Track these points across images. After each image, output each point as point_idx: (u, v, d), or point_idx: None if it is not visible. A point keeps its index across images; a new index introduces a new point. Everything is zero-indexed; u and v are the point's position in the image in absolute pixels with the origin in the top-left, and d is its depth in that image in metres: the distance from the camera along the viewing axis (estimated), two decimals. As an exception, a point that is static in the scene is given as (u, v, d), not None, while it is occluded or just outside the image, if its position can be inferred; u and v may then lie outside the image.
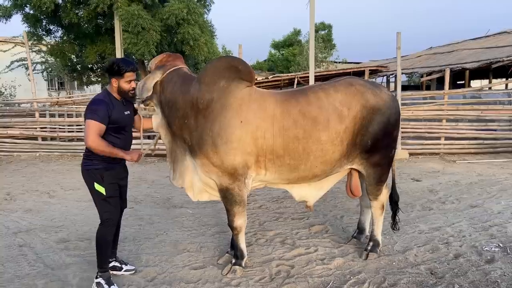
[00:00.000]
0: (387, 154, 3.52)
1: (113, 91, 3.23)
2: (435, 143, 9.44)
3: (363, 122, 3.29)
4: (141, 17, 10.20)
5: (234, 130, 3.11)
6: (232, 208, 3.34)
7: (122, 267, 3.54)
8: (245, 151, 3.16)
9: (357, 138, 3.31)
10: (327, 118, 3.21)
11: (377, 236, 3.78)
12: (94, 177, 3.17)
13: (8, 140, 10.35)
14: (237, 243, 3.50)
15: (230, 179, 3.23)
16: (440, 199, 5.65)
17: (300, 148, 3.19)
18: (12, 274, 3.56)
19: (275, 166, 3.26)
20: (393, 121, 3.43)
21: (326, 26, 29.47)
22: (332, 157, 3.29)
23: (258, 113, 3.17)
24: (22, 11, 11.77)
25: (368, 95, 3.33)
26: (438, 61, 16.24)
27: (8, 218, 5.12)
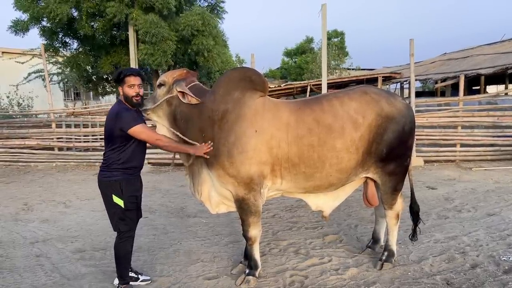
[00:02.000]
0: (402, 163, 3.50)
1: (122, 99, 3.28)
2: (450, 150, 9.32)
3: (378, 130, 3.28)
4: (160, 26, 10.34)
5: (249, 139, 3.15)
6: (248, 218, 3.34)
7: (138, 277, 3.56)
8: (261, 161, 3.18)
9: (372, 147, 3.31)
10: (341, 125, 3.22)
11: (392, 246, 3.74)
12: (113, 188, 3.19)
13: (26, 151, 10.55)
14: (252, 254, 3.50)
15: (246, 189, 3.23)
16: (456, 208, 5.57)
17: (315, 156, 3.20)
18: (29, 284, 3.61)
19: (291, 174, 3.27)
20: (408, 129, 3.41)
21: (339, 34, 29.48)
22: (348, 165, 3.28)
23: (273, 122, 3.21)
24: (39, 25, 12.04)
25: (382, 104, 3.33)
26: (452, 67, 16.09)
27: (26, 228, 5.20)
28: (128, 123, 3.11)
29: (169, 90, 3.39)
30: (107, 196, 3.22)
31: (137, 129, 3.12)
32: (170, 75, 3.47)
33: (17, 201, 6.66)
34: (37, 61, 15.23)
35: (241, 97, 3.22)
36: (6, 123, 11.50)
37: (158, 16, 10.66)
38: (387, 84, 20.33)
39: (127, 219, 3.27)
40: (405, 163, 3.55)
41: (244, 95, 3.22)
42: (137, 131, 3.12)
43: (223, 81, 3.34)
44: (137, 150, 3.27)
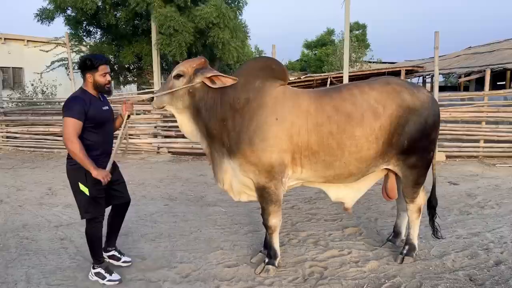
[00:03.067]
0: (424, 156, 3.44)
1: (89, 87, 3.24)
2: (473, 145, 9.13)
3: (399, 121, 3.24)
4: (174, 19, 10.36)
5: (270, 127, 3.16)
6: (268, 207, 3.36)
7: (120, 258, 3.66)
8: (281, 148, 3.18)
9: (393, 138, 3.27)
10: (361, 114, 3.20)
11: (413, 240, 3.70)
12: (79, 176, 3.16)
13: (50, 137, 10.76)
14: (272, 243, 3.52)
15: (267, 177, 3.25)
16: (479, 204, 5.47)
17: (334, 143, 3.19)
18: (54, 266, 3.71)
19: (311, 163, 3.27)
20: (431, 122, 3.35)
21: (361, 26, 29.14)
22: (367, 154, 3.25)
23: (293, 110, 3.21)
24: (64, 14, 12.22)
25: (404, 95, 3.28)
26: (477, 61, 15.72)
27: (50, 212, 5.33)
28: (66, 111, 3.08)
29: (189, 81, 3.33)
30: (74, 184, 3.21)
31: (64, 120, 3.07)
32: (189, 64, 3.38)
33: (42, 186, 6.82)
34: (60, 50, 15.42)
35: (262, 86, 3.24)
36: (31, 110, 11.75)
37: (176, 7, 10.68)
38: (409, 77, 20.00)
39: (92, 206, 3.23)
40: (428, 157, 3.48)
41: (265, 84, 3.24)
42: (64, 122, 3.08)
43: (244, 70, 3.37)
44: (97, 139, 3.23)
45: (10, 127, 11.42)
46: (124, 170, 3.42)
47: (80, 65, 3.24)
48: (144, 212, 5.32)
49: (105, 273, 3.34)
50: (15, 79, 21.17)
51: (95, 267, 3.38)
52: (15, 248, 4.13)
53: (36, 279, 3.45)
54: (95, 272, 3.37)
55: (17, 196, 6.18)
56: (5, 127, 11.46)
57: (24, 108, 12.10)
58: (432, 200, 3.82)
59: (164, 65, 14.85)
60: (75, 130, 3.06)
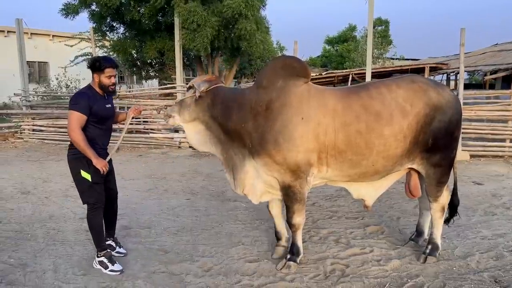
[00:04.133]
0: (448, 155, 3.43)
1: (95, 86, 3.47)
2: (499, 145, 8.93)
3: (425, 119, 3.24)
4: (197, 14, 10.37)
5: (296, 127, 3.16)
6: (293, 206, 3.37)
7: (115, 248, 3.81)
8: (308, 148, 3.18)
9: (420, 136, 3.27)
10: (390, 113, 3.20)
11: (436, 240, 3.67)
12: (81, 164, 3.36)
13: (74, 131, 10.97)
14: (295, 240, 3.54)
15: (292, 176, 3.26)
16: (505, 204, 5.36)
17: (362, 143, 3.18)
18: (79, 256, 3.81)
19: (337, 162, 3.27)
20: (454, 121, 3.36)
21: (383, 22, 28.65)
22: (395, 152, 3.25)
23: (319, 109, 3.20)
24: (88, 9, 12.41)
25: (431, 93, 3.28)
26: (504, 58, 15.32)
27: (75, 204, 5.45)
28: (72, 105, 3.32)
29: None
30: (76, 172, 3.40)
31: (69, 113, 3.30)
32: (200, 78, 3.64)
33: (67, 178, 6.96)
34: (84, 45, 15.72)
35: (285, 85, 3.24)
36: (55, 103, 12.00)
37: (199, 1, 10.67)
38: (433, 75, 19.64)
39: (95, 192, 3.44)
40: (451, 155, 3.47)
41: (287, 83, 3.24)
42: (69, 115, 3.31)
43: (265, 72, 3.42)
44: (98, 133, 3.47)
45: (36, 120, 11.71)
46: (146, 164, 3.50)
47: (89, 65, 3.46)
48: (166, 206, 5.39)
49: (107, 262, 3.49)
50: (41, 73, 21.70)
51: (99, 255, 3.53)
52: (42, 238, 4.25)
53: (63, 269, 3.55)
54: (98, 260, 3.52)
55: (43, 188, 6.35)
56: (31, 120, 11.76)
57: (49, 101, 12.38)
58: (454, 199, 3.79)
59: (186, 60, 14.94)
60: (79, 122, 3.30)
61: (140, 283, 3.30)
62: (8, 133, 11.91)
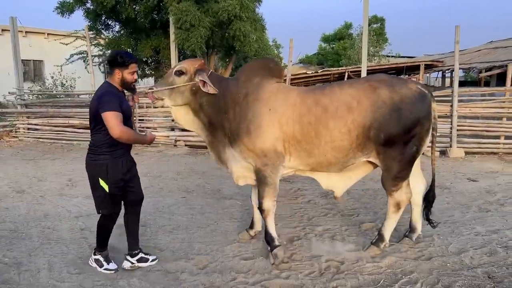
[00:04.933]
0: (406, 151, 3.47)
1: (115, 82, 3.27)
2: (493, 142, 8.97)
3: (374, 116, 3.38)
4: (190, 13, 10.34)
5: (264, 117, 3.51)
6: (263, 190, 3.63)
7: (148, 259, 3.60)
8: (274, 136, 3.51)
9: (370, 132, 3.41)
10: (335, 107, 3.46)
11: (384, 232, 3.79)
12: (100, 171, 3.24)
13: (69, 130, 10.96)
14: (267, 228, 3.73)
15: (262, 162, 3.56)
16: (499, 201, 5.39)
17: (313, 133, 3.47)
18: (74, 255, 3.81)
19: (296, 151, 3.57)
20: (413, 118, 3.39)
21: (379, 19, 28.68)
22: (341, 144, 3.46)
23: (283, 102, 3.56)
24: (83, 7, 12.37)
25: (380, 90, 3.41)
26: (499, 55, 15.38)
27: (70, 202, 5.45)
28: (106, 106, 3.09)
29: (190, 79, 3.63)
30: (94, 179, 3.28)
31: (108, 115, 3.08)
32: (192, 64, 3.68)
33: (62, 177, 6.97)
34: (80, 43, 15.65)
35: (260, 82, 3.63)
36: (51, 102, 11.95)
37: (193, 1, 10.65)
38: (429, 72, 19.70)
39: (110, 203, 3.31)
40: (410, 151, 3.48)
41: (262, 80, 3.63)
42: (107, 117, 3.08)
43: (246, 69, 3.81)
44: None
45: (31, 119, 11.67)
46: (141, 162, 3.51)
47: (110, 60, 3.28)
48: (162, 204, 5.39)
49: (103, 261, 3.47)
50: (36, 71, 21.56)
51: (96, 254, 3.50)
52: (37, 237, 4.24)
53: (58, 267, 3.54)
54: (95, 258, 3.50)
55: (38, 187, 6.33)
56: (26, 119, 11.71)
57: (45, 100, 12.32)
58: (430, 194, 3.88)
59: (181, 58, 14.92)
60: (118, 118, 3.11)
61: (135, 282, 3.31)
62: (3, 132, 11.85)
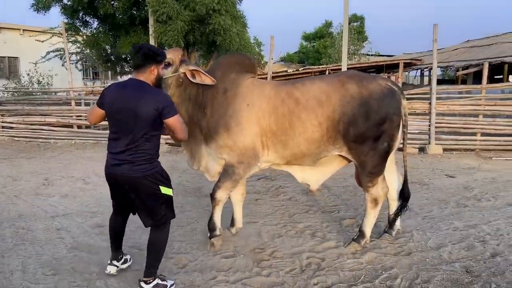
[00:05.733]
0: (377, 146, 3.50)
1: (149, 80, 2.91)
2: (470, 139, 9.15)
3: (343, 110, 3.45)
4: (167, 5, 10.18)
5: (243, 112, 3.55)
6: (224, 182, 3.66)
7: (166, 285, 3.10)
8: (253, 132, 3.55)
9: (340, 126, 3.47)
10: (306, 99, 3.54)
11: (364, 228, 3.82)
12: (161, 179, 2.97)
13: (46, 128, 10.71)
14: (212, 215, 3.81)
15: (238, 159, 3.59)
16: (476, 196, 5.49)
17: (287, 123, 3.53)
18: (50, 256, 3.70)
19: (273, 143, 3.62)
20: (383, 113, 3.44)
21: (359, 18, 28.96)
22: (313, 136, 3.52)
23: (259, 96, 3.61)
24: (60, 3, 12.08)
25: (349, 85, 3.48)
26: (476, 54, 15.71)
27: (46, 202, 5.31)
28: (172, 110, 2.85)
29: (176, 71, 3.55)
30: (154, 189, 2.93)
31: (177, 118, 2.89)
32: (176, 54, 3.58)
33: (38, 176, 6.79)
34: (56, 40, 15.32)
35: (237, 78, 3.68)
36: (26, 100, 11.66)
37: None
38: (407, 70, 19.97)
39: (173, 208, 3.15)
40: (381, 147, 3.52)
41: (238, 76, 3.67)
42: (177, 119, 2.89)
43: (221, 64, 3.81)
44: None
45: (5, 117, 11.35)
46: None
47: (147, 56, 2.87)
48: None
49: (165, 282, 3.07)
50: (11, 68, 21.04)
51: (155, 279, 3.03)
52: (11, 238, 4.11)
53: (32, 269, 3.44)
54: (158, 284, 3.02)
55: (13, 186, 6.15)
56: (0, 117, 11.39)
57: (20, 98, 12.04)
58: (404, 191, 3.91)
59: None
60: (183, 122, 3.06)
61: (112, 282, 3.23)
62: (-23, 131, 11.50)
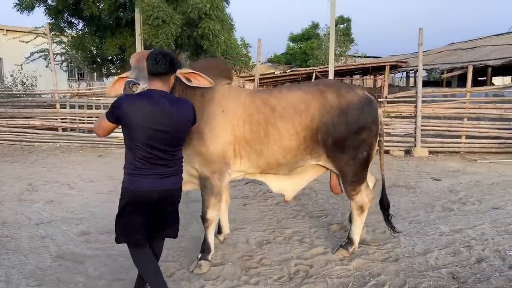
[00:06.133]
0: (357, 155, 3.52)
1: (168, 88, 2.82)
2: (455, 141, 9.27)
3: (322, 119, 3.44)
4: (161, 9, 10.17)
5: (217, 118, 3.46)
6: (208, 199, 3.52)
7: None
8: (226, 139, 3.46)
9: (318, 135, 3.46)
10: (283, 108, 3.48)
11: (352, 235, 3.83)
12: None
13: (30, 130, 10.54)
14: (206, 237, 3.64)
15: (210, 168, 3.46)
16: (461, 200, 5.55)
17: (262, 132, 3.48)
18: (34, 265, 3.63)
19: (247, 153, 3.55)
20: (361, 123, 3.46)
21: (345, 20, 29.10)
22: (289, 144, 3.48)
23: (234, 103, 3.53)
24: (44, 3, 11.90)
25: (328, 95, 3.48)
26: (460, 57, 15.93)
27: (30, 209, 5.22)
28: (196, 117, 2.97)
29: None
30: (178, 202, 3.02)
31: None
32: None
33: (22, 181, 6.67)
34: (41, 41, 15.07)
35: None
36: (10, 102, 11.46)
37: None
38: (394, 72, 20.16)
39: None
40: (361, 156, 3.54)
41: (215, 81, 3.49)
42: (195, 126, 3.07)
43: (197, 69, 3.58)
44: None
45: (-12, 119, 11.13)
46: (106, 164, 3.37)
47: (173, 63, 2.75)
48: (127, 209, 5.23)
49: None
50: (-6, 69, 20.65)
51: None
52: (-6, 247, 4.03)
53: (16, 279, 3.36)
54: None
55: (-4, 192, 6.04)
56: (-17, 119, 11.16)
57: (3, 100, 11.81)
58: (383, 201, 3.91)
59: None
60: None
61: (99, 292, 3.18)
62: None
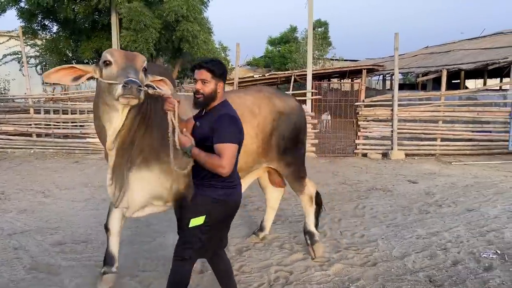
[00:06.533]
0: (297, 154, 3.89)
1: None
2: (431, 144, 9.48)
3: (273, 123, 3.63)
4: (143, 14, 10.11)
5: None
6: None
7: None
8: None
9: (272, 139, 3.64)
10: (241, 113, 2.94)
11: (310, 227, 4.01)
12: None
13: (2, 136, 10.24)
14: None
15: (186, 182, 2.95)
16: (437, 202, 5.66)
17: None
18: (7, 278, 3.51)
19: None
20: (299, 125, 3.85)
21: (323, 24, 29.42)
22: (252, 148, 3.51)
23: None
24: (17, 6, 11.63)
25: (275, 100, 3.71)
26: (434, 61, 16.28)
27: (3, 218, 5.06)
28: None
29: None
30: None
31: None
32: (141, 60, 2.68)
33: (-6, 190, 6.48)
34: (14, 43, 14.72)
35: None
36: (-19, 107, 11.13)
37: (143, 3, 10.42)
38: (370, 76, 20.44)
39: None
40: (300, 153, 3.94)
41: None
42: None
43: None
44: None
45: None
46: (82, 171, 3.28)
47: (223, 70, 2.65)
48: (104, 217, 5.08)
49: None
50: (-36, 73, 20.01)
51: None
52: (-36, 259, 3.89)
53: (-12, 293, 3.26)
54: None
55: (-34, 201, 5.84)
56: (-48, 125, 10.80)
57: (-26, 105, 11.45)
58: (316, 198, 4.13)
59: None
60: None
61: (74, 305, 3.10)
62: None
